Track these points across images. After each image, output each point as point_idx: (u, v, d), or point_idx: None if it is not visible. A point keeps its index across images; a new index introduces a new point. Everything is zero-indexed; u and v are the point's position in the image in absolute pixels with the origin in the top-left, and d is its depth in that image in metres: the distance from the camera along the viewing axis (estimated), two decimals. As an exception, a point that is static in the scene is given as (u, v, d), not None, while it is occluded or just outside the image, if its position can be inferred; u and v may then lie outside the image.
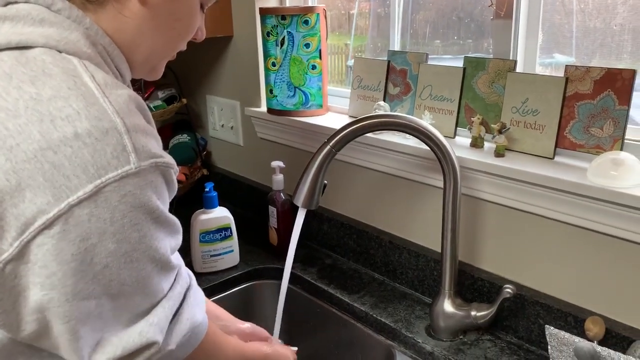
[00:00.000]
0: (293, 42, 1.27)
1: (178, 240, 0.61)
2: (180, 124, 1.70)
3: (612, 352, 0.76)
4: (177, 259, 0.62)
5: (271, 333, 0.99)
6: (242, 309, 1.24)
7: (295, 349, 0.99)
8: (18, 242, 0.48)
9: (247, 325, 0.95)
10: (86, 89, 0.50)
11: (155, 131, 0.56)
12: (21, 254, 0.48)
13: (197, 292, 0.67)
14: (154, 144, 0.54)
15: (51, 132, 0.48)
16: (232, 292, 1.24)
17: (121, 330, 0.55)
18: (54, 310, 0.50)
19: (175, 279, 0.61)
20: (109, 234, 0.50)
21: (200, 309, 0.67)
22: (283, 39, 1.28)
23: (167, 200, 0.57)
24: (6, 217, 0.47)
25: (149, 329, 0.56)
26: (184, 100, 1.61)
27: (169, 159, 0.55)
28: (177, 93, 1.62)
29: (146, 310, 0.57)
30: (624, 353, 0.77)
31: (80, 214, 0.48)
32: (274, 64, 1.32)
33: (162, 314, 0.58)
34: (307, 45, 1.28)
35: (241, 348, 0.81)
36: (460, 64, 1.07)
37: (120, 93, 0.53)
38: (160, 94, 1.57)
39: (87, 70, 0.52)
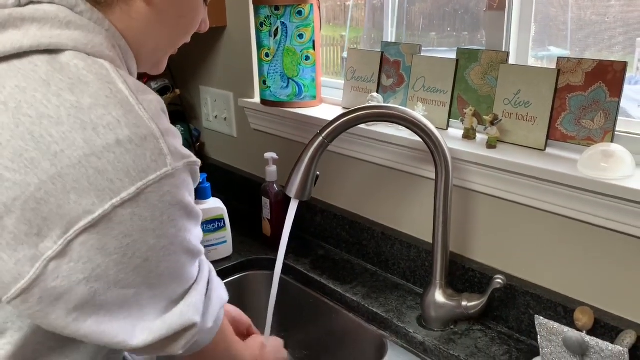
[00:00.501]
0: (286, 33, 1.27)
1: (200, 228, 0.65)
2: (173, 115, 1.70)
3: (600, 341, 0.77)
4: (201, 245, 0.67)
5: (264, 323, 0.99)
6: (235, 299, 1.24)
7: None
8: (62, 240, 0.50)
9: (234, 309, 0.97)
10: (122, 96, 0.52)
11: (177, 130, 0.59)
12: (64, 252, 0.50)
13: (215, 273, 0.73)
14: (180, 143, 0.57)
15: (94, 140, 0.50)
16: (225, 282, 1.23)
17: (161, 315, 0.59)
18: (97, 300, 0.53)
19: (200, 263, 0.65)
20: (150, 231, 0.53)
21: (224, 287, 0.73)
22: (276, 29, 1.27)
23: (193, 192, 0.60)
24: (52, 217, 0.49)
25: (187, 309, 0.60)
26: (177, 91, 1.61)
27: (194, 157, 0.59)
28: (170, 84, 1.62)
29: (181, 295, 0.61)
30: (612, 342, 0.78)
31: (123, 214, 0.51)
32: (267, 55, 1.31)
33: (196, 296, 0.62)
34: (301, 36, 1.28)
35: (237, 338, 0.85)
36: (454, 56, 1.07)
37: (151, 99, 0.55)
38: (154, 85, 1.56)
39: (120, 75, 0.54)
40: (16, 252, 0.49)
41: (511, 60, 1.02)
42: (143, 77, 1.56)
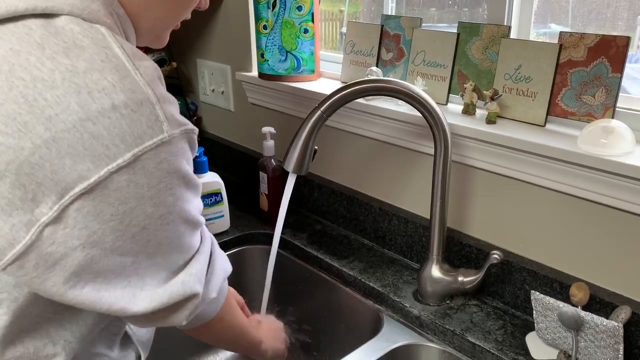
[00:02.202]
0: (285, 5, 1.25)
1: (200, 200, 0.65)
2: (170, 88, 1.67)
3: (595, 316, 0.78)
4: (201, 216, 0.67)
5: (261, 297, 1.00)
6: (232, 273, 1.24)
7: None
8: (58, 206, 0.49)
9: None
10: (118, 61, 0.52)
11: (173, 97, 0.58)
12: (60, 217, 0.50)
13: (218, 246, 0.73)
14: (177, 111, 0.57)
15: (89, 104, 0.49)
16: (222, 256, 1.25)
17: (162, 284, 0.59)
18: (94, 267, 0.53)
19: (202, 235, 0.66)
20: (147, 199, 0.53)
21: (227, 259, 0.74)
22: (275, 1, 1.25)
23: (192, 162, 0.60)
24: (47, 183, 0.49)
25: (189, 278, 0.61)
26: (174, 64, 1.59)
27: (192, 124, 0.58)
28: (167, 56, 1.60)
29: (182, 265, 0.61)
30: (607, 318, 0.78)
31: (119, 180, 0.51)
32: (265, 27, 1.29)
33: (198, 265, 0.63)
34: (300, 8, 1.25)
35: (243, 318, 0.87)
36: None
37: (147, 65, 0.55)
38: (150, 57, 1.54)
39: (116, 40, 0.53)
40: (11, 217, 0.49)
41: (513, 35, 1.00)
42: (141, 49, 1.53)
